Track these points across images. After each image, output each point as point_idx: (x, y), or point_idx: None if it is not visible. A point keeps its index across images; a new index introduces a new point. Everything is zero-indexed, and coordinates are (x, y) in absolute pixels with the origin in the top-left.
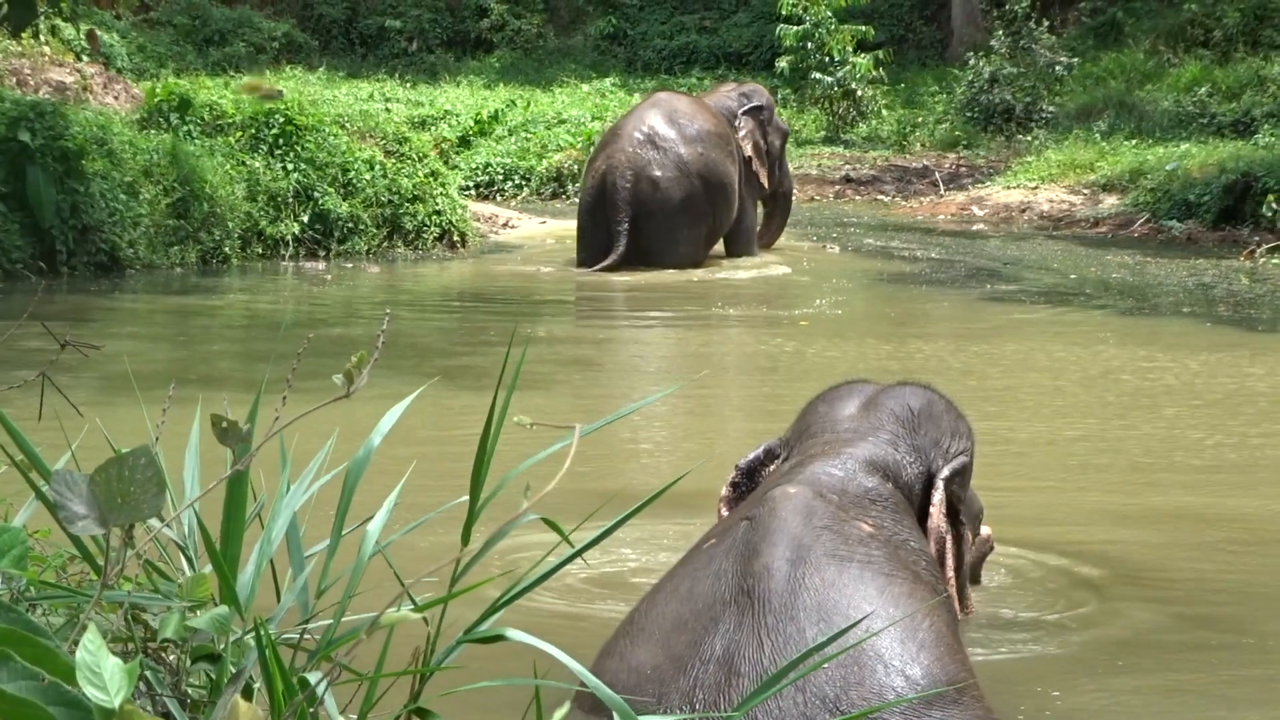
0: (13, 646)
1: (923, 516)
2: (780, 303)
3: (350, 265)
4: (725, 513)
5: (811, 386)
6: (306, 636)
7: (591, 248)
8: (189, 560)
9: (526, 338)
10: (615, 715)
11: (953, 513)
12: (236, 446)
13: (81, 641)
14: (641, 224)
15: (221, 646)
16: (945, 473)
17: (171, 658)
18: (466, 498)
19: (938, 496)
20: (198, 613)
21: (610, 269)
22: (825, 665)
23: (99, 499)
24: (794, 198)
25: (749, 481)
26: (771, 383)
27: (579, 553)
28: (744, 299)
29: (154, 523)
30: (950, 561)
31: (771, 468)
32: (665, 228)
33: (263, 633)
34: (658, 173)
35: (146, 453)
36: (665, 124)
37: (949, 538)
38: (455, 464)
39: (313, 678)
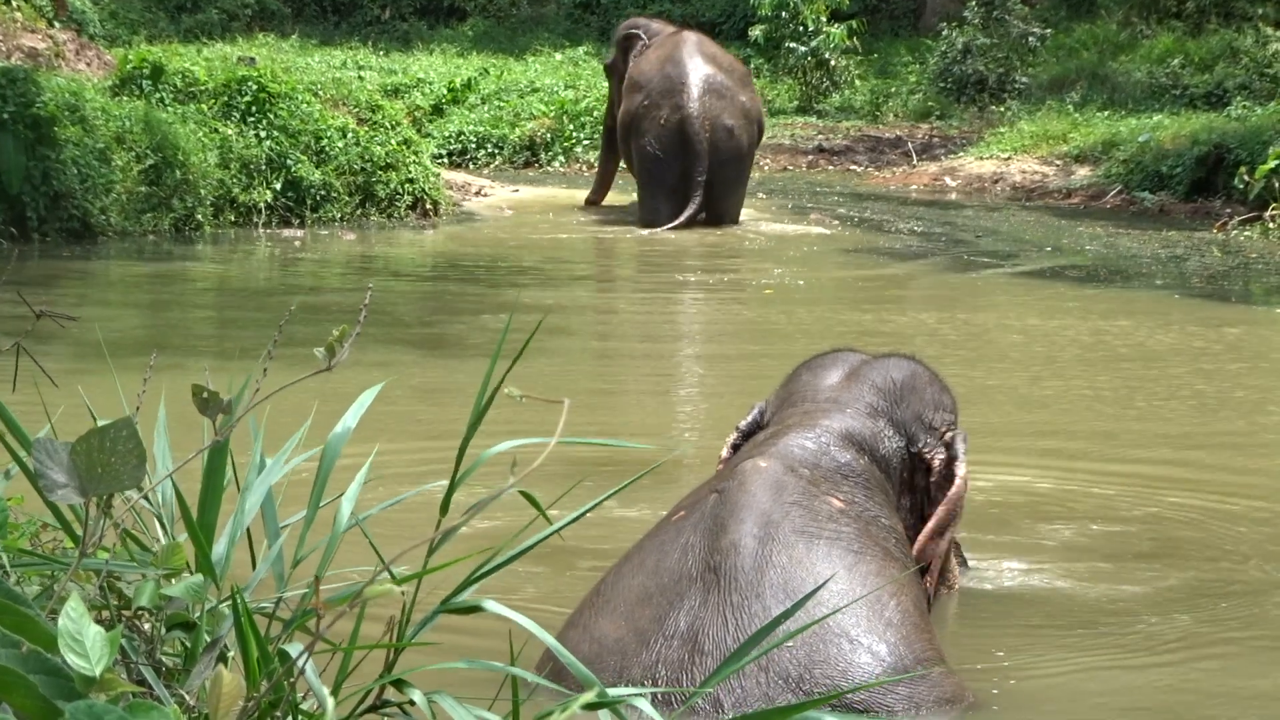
0: None
1: (908, 488)
2: (748, 270)
3: (326, 233)
4: (694, 493)
5: (778, 355)
6: (282, 606)
7: (670, 198)
8: (164, 528)
9: (513, 305)
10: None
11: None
12: (217, 418)
13: (63, 610)
14: (716, 173)
15: (197, 614)
16: (961, 449)
17: (146, 625)
18: (444, 483)
19: (962, 470)
20: (172, 581)
21: (686, 224)
22: (789, 644)
23: (80, 468)
24: (767, 168)
25: (747, 443)
26: (745, 351)
27: (557, 529)
28: (712, 266)
29: (132, 493)
30: (949, 535)
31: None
32: (735, 176)
33: (239, 601)
34: (730, 121)
35: (128, 424)
36: (716, 69)
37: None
38: (430, 432)
39: (292, 649)
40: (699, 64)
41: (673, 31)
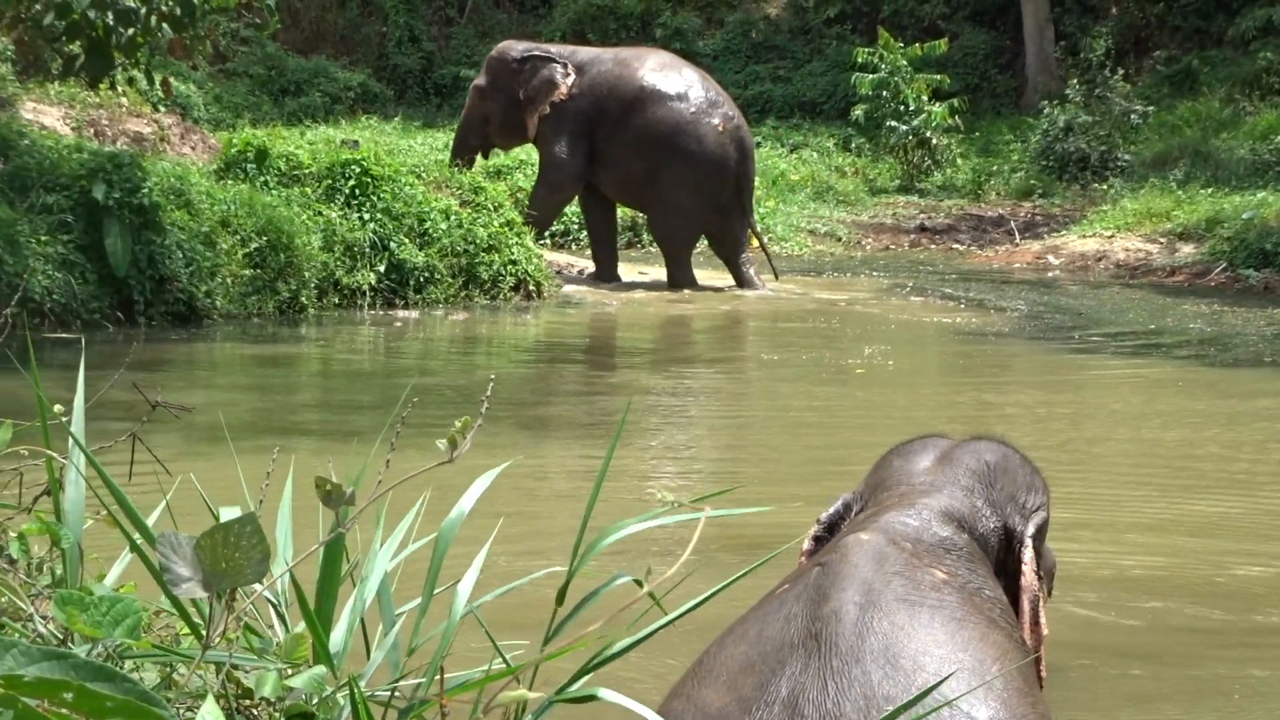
0: (127, 718)
1: (999, 571)
2: (843, 348)
3: (439, 313)
4: (801, 566)
5: (877, 438)
6: (397, 695)
7: (718, 207)
8: (279, 616)
9: (631, 393)
10: None
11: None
12: (339, 509)
13: (200, 714)
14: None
15: (314, 703)
16: (1031, 530)
17: (262, 714)
18: (557, 567)
19: (1028, 555)
20: (292, 671)
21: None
22: (888, 707)
23: (204, 563)
24: (869, 247)
25: (829, 535)
26: (841, 435)
27: (672, 619)
28: (810, 344)
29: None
30: (1044, 620)
31: (848, 520)
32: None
33: (355, 690)
34: (747, 127)
35: (252, 519)
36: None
37: (1042, 595)
38: (545, 519)
39: None
40: (702, 74)
41: (637, 48)
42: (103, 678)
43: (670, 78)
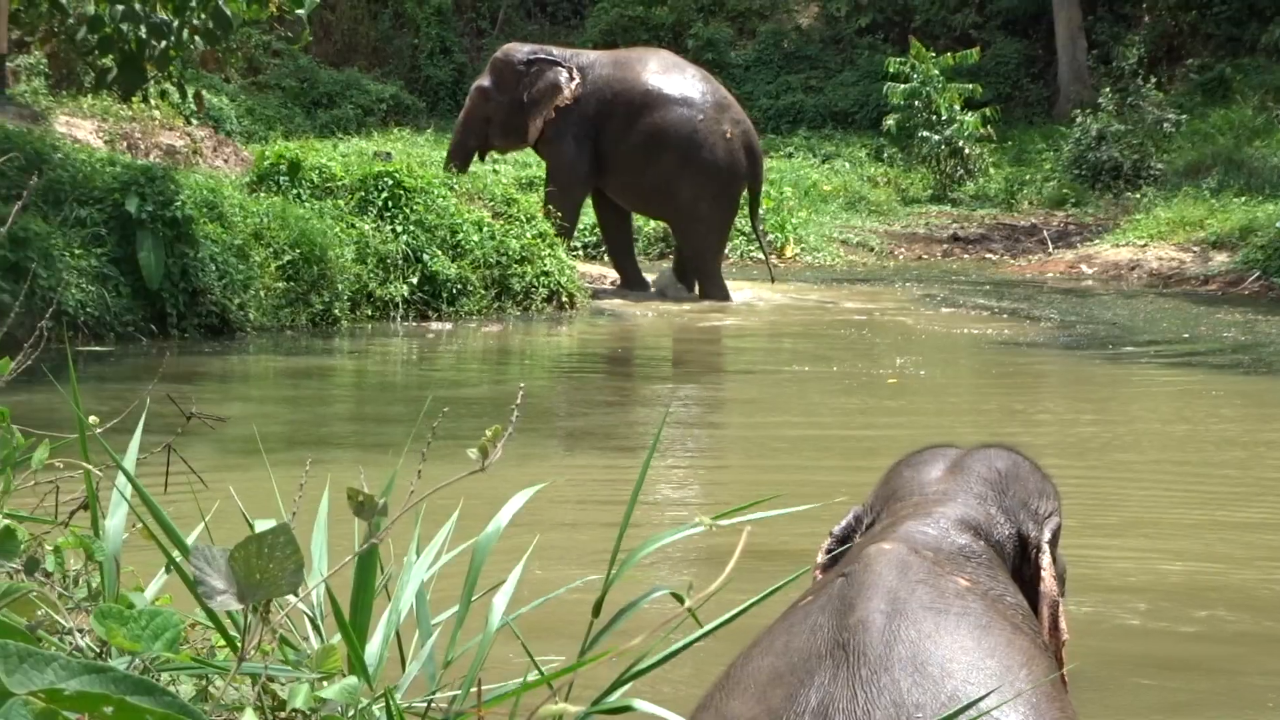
0: None
1: (1014, 577)
2: (876, 359)
3: (472, 325)
4: (820, 579)
5: (909, 446)
6: (433, 707)
7: (731, 210)
8: (315, 627)
9: (664, 398)
10: None
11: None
12: (372, 520)
13: None
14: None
15: (350, 714)
16: (1046, 535)
17: None
18: (593, 576)
19: (1045, 560)
20: (325, 683)
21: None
22: (918, 715)
23: (238, 575)
24: (902, 256)
25: (842, 548)
26: (872, 446)
27: (708, 632)
28: (841, 355)
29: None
30: (1064, 625)
31: (860, 533)
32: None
33: (391, 701)
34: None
35: (285, 530)
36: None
37: (1061, 601)
38: (580, 530)
39: None
40: (707, 77)
41: (638, 49)
42: (142, 691)
43: (675, 80)
